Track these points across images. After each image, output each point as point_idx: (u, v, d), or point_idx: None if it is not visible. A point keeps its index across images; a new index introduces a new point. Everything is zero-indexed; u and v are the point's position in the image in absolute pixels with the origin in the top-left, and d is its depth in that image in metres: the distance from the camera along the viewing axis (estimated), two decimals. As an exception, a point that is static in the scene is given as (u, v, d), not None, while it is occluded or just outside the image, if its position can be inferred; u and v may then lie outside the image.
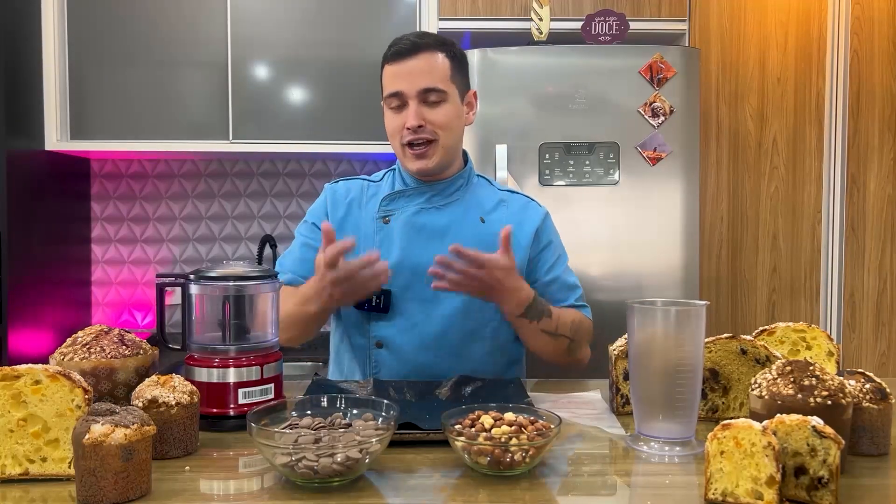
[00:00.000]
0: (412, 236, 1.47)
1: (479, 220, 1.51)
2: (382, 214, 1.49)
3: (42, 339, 2.42)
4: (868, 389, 1.00)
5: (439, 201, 1.50)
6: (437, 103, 1.43)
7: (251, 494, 0.89)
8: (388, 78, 1.46)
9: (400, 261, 1.45)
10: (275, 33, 2.50)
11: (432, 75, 1.42)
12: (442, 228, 1.48)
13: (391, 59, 1.45)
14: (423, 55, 1.43)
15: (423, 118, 1.42)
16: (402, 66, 1.43)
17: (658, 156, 2.26)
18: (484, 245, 1.45)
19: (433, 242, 1.46)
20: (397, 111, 1.45)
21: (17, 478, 0.92)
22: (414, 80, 1.42)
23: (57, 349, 1.10)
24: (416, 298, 1.45)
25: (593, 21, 2.38)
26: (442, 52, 1.45)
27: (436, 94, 1.43)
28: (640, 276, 2.26)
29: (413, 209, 1.49)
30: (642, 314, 1.06)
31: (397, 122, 1.45)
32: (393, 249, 1.46)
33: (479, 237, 1.46)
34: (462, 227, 1.49)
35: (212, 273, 1.16)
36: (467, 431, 0.95)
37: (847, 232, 2.58)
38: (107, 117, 2.49)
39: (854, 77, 2.55)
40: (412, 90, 1.42)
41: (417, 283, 1.44)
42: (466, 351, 1.46)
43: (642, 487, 0.93)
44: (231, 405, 1.12)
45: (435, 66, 1.43)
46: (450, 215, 1.49)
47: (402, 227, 1.47)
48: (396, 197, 1.50)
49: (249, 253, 2.87)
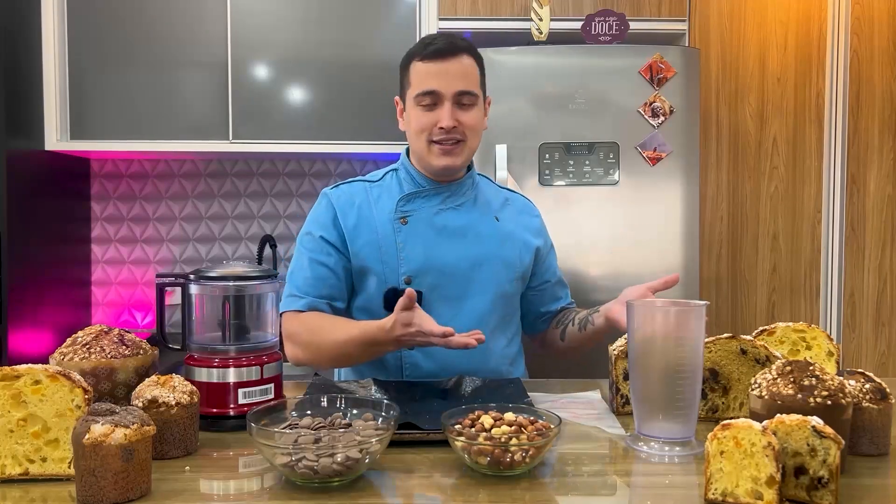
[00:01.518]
0: (434, 236, 1.48)
1: (494, 219, 1.54)
2: (400, 215, 1.49)
3: (42, 339, 2.42)
4: (868, 389, 1.00)
5: (454, 201, 1.52)
6: (468, 106, 1.46)
7: (251, 494, 0.89)
8: (421, 75, 1.45)
9: (425, 261, 1.46)
10: (275, 33, 2.50)
11: (468, 79, 1.45)
12: (461, 228, 1.50)
13: (427, 58, 1.44)
14: (461, 58, 1.45)
15: (457, 119, 1.44)
16: (440, 66, 1.44)
17: (658, 156, 2.26)
18: (501, 243, 1.52)
19: (455, 242, 1.48)
20: (427, 109, 1.45)
21: (17, 478, 0.92)
22: (451, 81, 1.43)
23: (57, 349, 1.10)
24: (444, 297, 1.46)
25: (593, 21, 2.38)
26: (474, 57, 1.49)
27: (469, 97, 1.45)
28: (640, 276, 2.25)
29: (431, 209, 1.50)
30: (642, 314, 1.06)
31: (427, 120, 1.45)
32: (416, 250, 1.47)
33: (496, 235, 1.52)
34: (480, 226, 1.52)
35: (212, 273, 1.16)
36: (467, 431, 0.95)
37: (847, 232, 2.58)
38: (107, 117, 2.49)
39: (854, 77, 2.55)
40: (449, 91, 1.43)
41: (444, 283, 1.46)
42: (492, 346, 1.48)
43: (642, 487, 0.93)
44: (231, 405, 1.12)
45: (470, 70, 1.47)
46: (466, 215, 1.52)
47: (423, 227, 1.48)
48: (413, 197, 1.50)
49: (249, 253, 2.87)
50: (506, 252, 1.51)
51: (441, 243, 1.47)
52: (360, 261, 1.48)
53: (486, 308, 1.48)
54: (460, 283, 1.47)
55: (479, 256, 1.48)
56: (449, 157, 1.46)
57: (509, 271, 1.51)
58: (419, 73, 1.45)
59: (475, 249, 1.48)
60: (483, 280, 1.48)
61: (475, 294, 1.47)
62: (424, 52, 1.45)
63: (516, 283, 1.54)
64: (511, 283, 1.52)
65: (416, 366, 1.46)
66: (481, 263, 1.48)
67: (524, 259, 1.55)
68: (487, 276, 1.48)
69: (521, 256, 1.54)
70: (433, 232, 1.48)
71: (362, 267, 1.48)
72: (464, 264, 1.47)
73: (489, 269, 1.48)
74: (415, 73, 1.47)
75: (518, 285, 1.55)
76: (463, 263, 1.47)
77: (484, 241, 1.50)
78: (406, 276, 1.45)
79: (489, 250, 1.49)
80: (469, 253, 1.48)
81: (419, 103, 1.45)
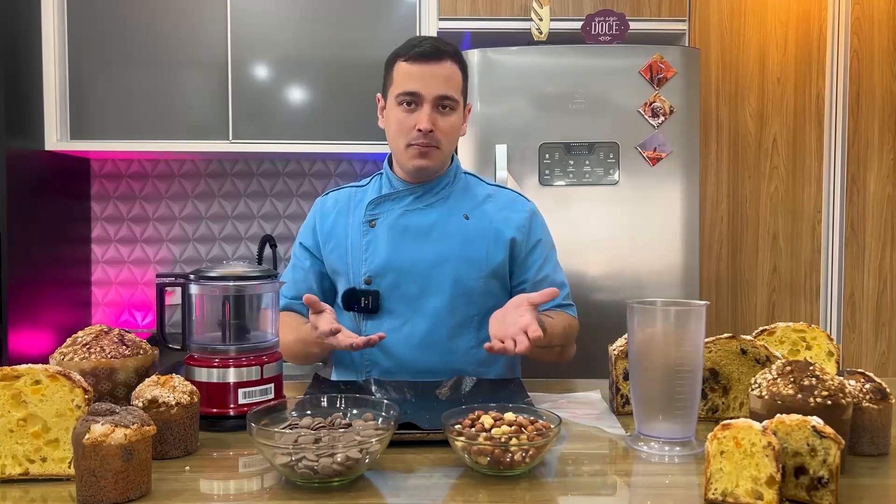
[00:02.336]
0: (397, 237, 1.49)
1: (463, 217, 1.52)
2: (368, 218, 1.52)
3: (42, 339, 2.42)
4: (868, 389, 1.00)
5: (425, 201, 1.52)
6: (447, 111, 1.47)
7: (251, 494, 0.89)
8: (404, 76, 1.46)
9: (386, 261, 1.48)
10: (275, 33, 2.50)
11: (449, 84, 1.46)
12: (427, 227, 1.50)
13: (411, 59, 1.45)
14: (444, 63, 1.46)
15: (434, 124, 1.45)
16: (423, 69, 1.44)
17: (658, 156, 2.26)
18: (467, 241, 1.50)
19: (418, 242, 1.49)
20: (407, 110, 1.46)
21: (17, 478, 0.92)
22: (433, 85, 1.44)
23: (57, 349, 1.10)
24: (403, 298, 1.48)
25: (593, 21, 2.38)
26: (458, 63, 1.49)
27: (449, 101, 1.46)
28: (640, 275, 2.26)
29: (398, 211, 1.51)
30: (642, 314, 1.06)
31: (406, 122, 1.46)
32: (379, 251, 1.49)
33: (462, 234, 1.50)
34: (446, 224, 1.51)
35: (212, 273, 1.16)
36: (467, 431, 0.95)
37: (847, 232, 2.58)
38: (107, 117, 2.49)
39: (854, 77, 2.55)
40: (430, 94, 1.44)
41: (403, 283, 1.48)
42: (454, 346, 1.48)
43: (642, 487, 0.93)
44: (231, 405, 1.12)
45: (453, 75, 1.47)
46: (435, 214, 1.51)
47: (387, 229, 1.50)
48: (382, 201, 1.52)
49: (249, 253, 2.87)
50: (471, 249, 1.49)
51: (403, 244, 1.49)
52: (331, 263, 1.54)
53: (443, 306, 1.47)
54: (418, 283, 1.47)
55: (439, 255, 1.48)
56: (423, 160, 1.47)
57: (474, 269, 1.48)
58: (402, 74, 1.46)
59: (437, 248, 1.48)
60: (441, 278, 1.47)
61: (433, 293, 1.47)
62: (409, 54, 1.46)
63: (486, 280, 1.49)
64: (478, 281, 1.49)
65: (374, 363, 1.49)
66: (441, 262, 1.47)
67: (494, 255, 1.50)
68: (446, 275, 1.47)
69: (490, 252, 1.50)
70: (397, 233, 1.49)
71: (333, 270, 1.54)
72: (422, 264, 1.47)
73: (449, 267, 1.47)
74: (398, 73, 1.47)
75: (491, 283, 1.50)
76: (422, 263, 1.48)
77: (447, 240, 1.49)
78: (366, 276, 1.48)
79: (451, 248, 1.48)
80: (430, 252, 1.48)
81: (399, 103, 1.46)
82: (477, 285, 1.49)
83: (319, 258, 1.56)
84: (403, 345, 1.47)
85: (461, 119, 1.52)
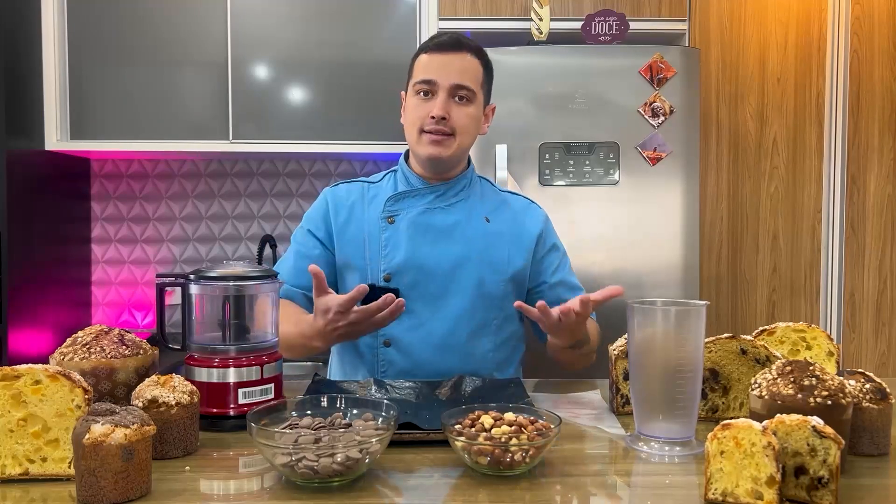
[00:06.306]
0: (418, 235, 1.48)
1: (484, 219, 1.52)
2: (388, 214, 1.49)
3: (42, 339, 2.42)
4: (868, 389, 1.00)
5: (444, 201, 1.51)
6: (464, 102, 1.46)
7: (251, 494, 0.89)
8: (422, 66, 1.47)
9: (406, 260, 1.46)
10: (275, 33, 2.50)
11: (466, 74, 1.46)
12: (448, 228, 1.49)
13: (431, 50, 1.47)
14: (463, 54, 1.46)
15: (449, 112, 1.45)
16: (441, 58, 1.46)
17: (658, 156, 2.26)
18: (489, 244, 1.50)
19: (439, 241, 1.47)
20: (423, 98, 1.46)
21: (17, 478, 0.92)
22: (449, 73, 1.45)
23: (57, 349, 1.10)
24: (423, 297, 1.46)
25: (593, 21, 2.38)
26: (479, 58, 1.50)
27: (466, 92, 1.46)
28: (640, 275, 2.26)
29: (419, 209, 1.50)
30: (642, 314, 1.06)
31: (422, 110, 1.46)
32: (399, 248, 1.47)
33: (484, 236, 1.50)
34: (468, 226, 1.50)
35: (212, 273, 1.16)
36: (467, 431, 0.95)
37: (847, 232, 2.58)
38: (107, 117, 2.49)
39: (854, 77, 2.55)
40: (446, 82, 1.44)
41: (424, 282, 1.46)
42: (472, 348, 1.47)
43: (642, 487, 0.93)
44: (231, 405, 1.12)
45: (471, 67, 1.47)
46: (455, 215, 1.51)
47: (407, 226, 1.48)
48: (402, 197, 1.51)
49: (249, 253, 2.87)
50: (493, 252, 1.49)
51: (424, 242, 1.47)
52: (344, 257, 1.50)
53: (464, 308, 1.46)
54: (440, 283, 1.46)
55: (461, 256, 1.47)
56: (436, 147, 1.45)
57: (495, 273, 1.49)
58: (421, 64, 1.48)
59: (458, 249, 1.47)
60: (463, 280, 1.46)
61: (454, 294, 1.46)
62: (430, 45, 1.48)
63: (506, 284, 1.50)
64: (498, 285, 1.49)
65: (391, 363, 1.46)
66: (463, 263, 1.47)
67: (515, 260, 1.51)
68: (468, 277, 1.47)
69: (512, 256, 1.51)
70: (418, 231, 1.48)
71: (346, 263, 1.50)
72: (445, 264, 1.46)
73: (471, 269, 1.47)
74: (418, 65, 1.49)
75: (510, 287, 1.51)
76: (444, 263, 1.46)
77: (469, 242, 1.48)
78: (386, 273, 1.46)
79: (473, 250, 1.48)
80: (452, 252, 1.47)
81: (416, 92, 1.47)
82: (498, 288, 1.49)
83: (331, 249, 1.52)
84: (421, 345, 1.45)
85: (479, 112, 1.50)
